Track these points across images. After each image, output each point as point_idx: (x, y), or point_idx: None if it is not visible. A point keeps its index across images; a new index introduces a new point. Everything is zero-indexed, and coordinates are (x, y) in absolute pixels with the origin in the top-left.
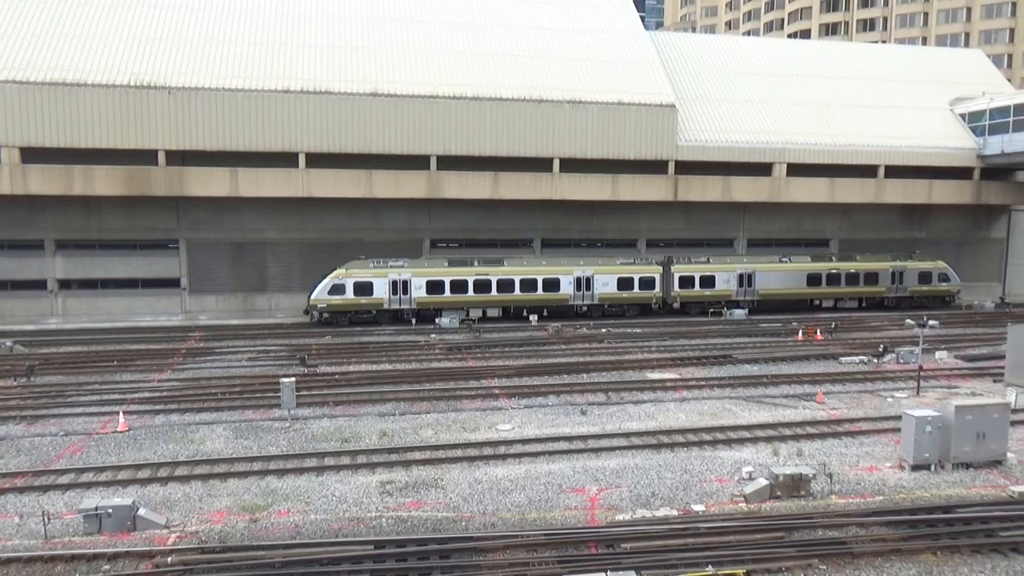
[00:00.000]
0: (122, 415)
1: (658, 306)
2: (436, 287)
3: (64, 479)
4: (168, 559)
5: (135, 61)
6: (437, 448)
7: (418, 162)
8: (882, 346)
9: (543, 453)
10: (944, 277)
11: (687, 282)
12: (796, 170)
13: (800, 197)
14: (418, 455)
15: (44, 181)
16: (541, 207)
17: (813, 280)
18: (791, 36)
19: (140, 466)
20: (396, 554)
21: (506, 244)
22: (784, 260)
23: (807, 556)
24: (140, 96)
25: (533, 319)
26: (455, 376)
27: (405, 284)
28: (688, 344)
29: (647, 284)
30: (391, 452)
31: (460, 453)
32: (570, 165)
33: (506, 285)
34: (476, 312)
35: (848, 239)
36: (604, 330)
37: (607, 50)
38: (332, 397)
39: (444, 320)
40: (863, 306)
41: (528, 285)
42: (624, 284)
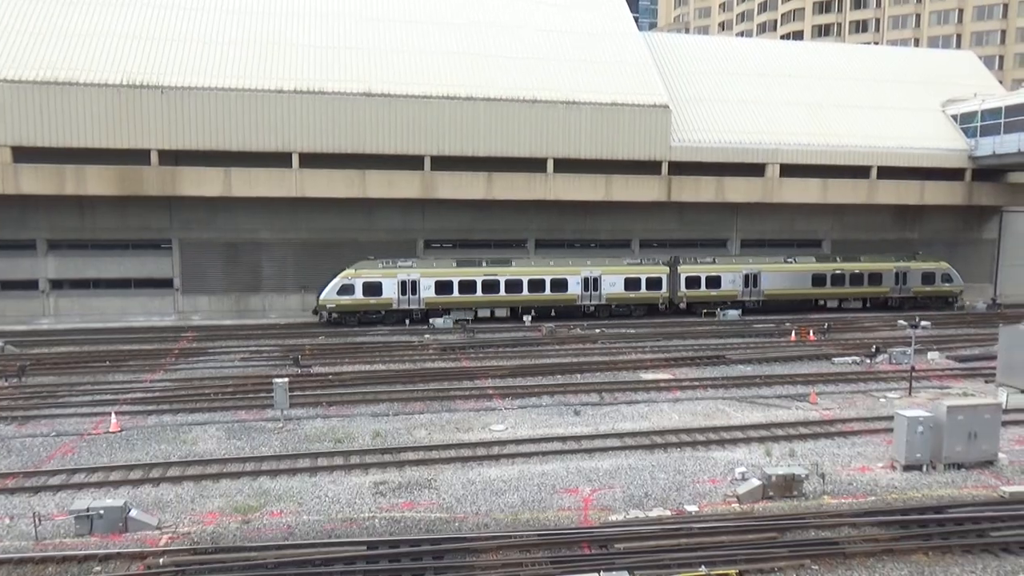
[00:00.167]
0: (114, 416)
1: (665, 306)
2: (445, 287)
3: (55, 480)
4: (160, 560)
5: (127, 60)
6: (431, 448)
7: (412, 162)
8: (875, 347)
9: (536, 453)
10: (947, 278)
11: (693, 282)
12: (789, 171)
13: (793, 198)
14: (411, 455)
15: (36, 181)
16: (535, 207)
17: (818, 281)
18: (784, 37)
19: (132, 467)
20: (389, 555)
21: (500, 244)
22: (789, 261)
23: (799, 556)
24: (133, 95)
25: (527, 319)
26: (449, 376)
27: (414, 284)
28: (682, 344)
29: (654, 284)
30: (384, 452)
31: (454, 453)
32: (564, 165)
33: (514, 285)
34: (484, 312)
35: (840, 240)
36: (598, 330)
37: (601, 51)
38: (325, 397)
39: (438, 320)
40: (867, 306)
41: (536, 285)
42: (631, 284)
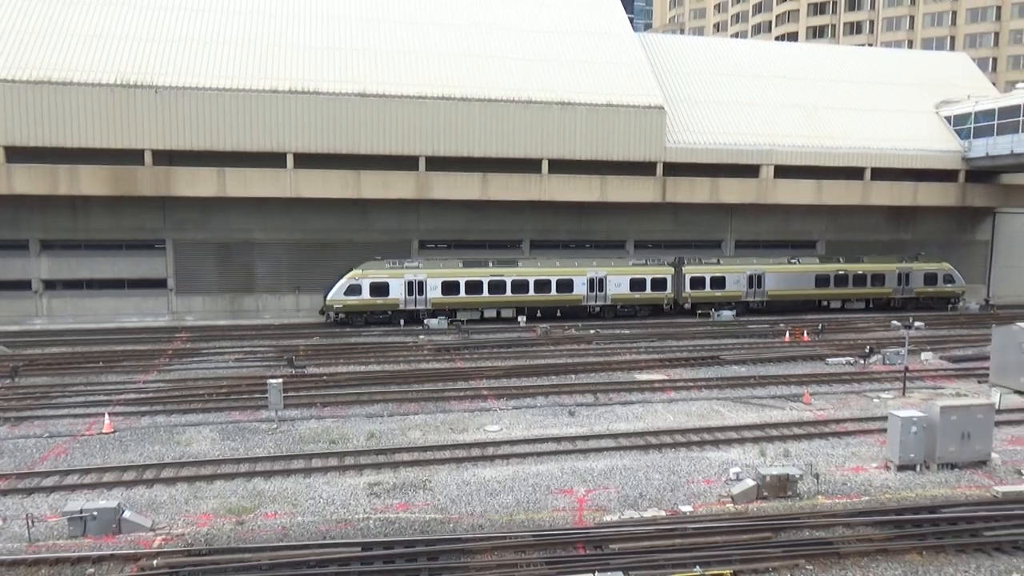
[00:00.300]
0: (107, 416)
1: (670, 307)
2: (451, 288)
3: (48, 481)
4: (154, 562)
5: (121, 60)
6: (425, 449)
7: (407, 163)
8: (868, 347)
9: (531, 454)
10: (949, 278)
11: (698, 283)
12: (783, 172)
13: (787, 199)
14: (406, 456)
15: (29, 181)
16: (530, 208)
17: (821, 281)
18: (779, 39)
19: (126, 468)
20: (384, 556)
21: (495, 245)
22: (793, 261)
23: (794, 556)
24: (127, 95)
25: (521, 320)
26: (443, 377)
27: (421, 285)
28: (676, 345)
29: (659, 285)
30: (379, 453)
31: (448, 454)
32: (559, 166)
33: (520, 286)
34: (491, 312)
35: (835, 241)
36: (593, 331)
37: (596, 52)
38: (320, 398)
39: (433, 321)
40: (870, 307)
41: (542, 286)
42: (636, 285)
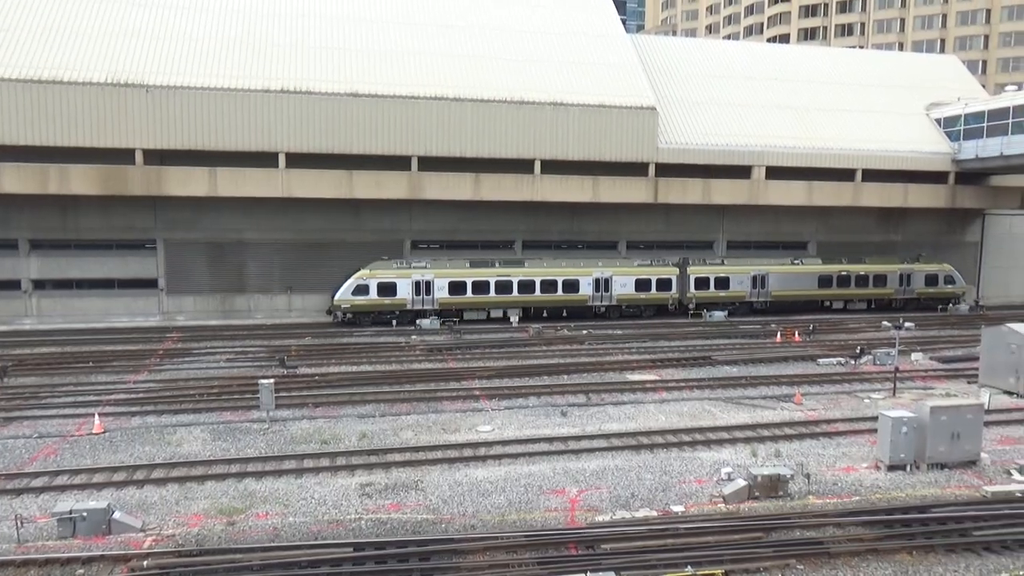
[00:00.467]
0: (97, 417)
1: (674, 307)
2: (458, 288)
3: (38, 482)
4: (144, 563)
5: (113, 58)
6: (417, 450)
7: (399, 163)
8: (859, 348)
9: (523, 454)
10: (949, 279)
11: (702, 283)
12: (775, 173)
13: (778, 200)
14: (398, 457)
15: (18, 180)
16: (522, 208)
17: (824, 282)
18: (770, 40)
19: (116, 468)
20: (375, 556)
21: (487, 245)
22: (796, 262)
23: (785, 556)
24: (117, 94)
25: (514, 320)
26: (435, 377)
27: (428, 285)
28: (668, 346)
29: (664, 285)
30: (371, 454)
31: (440, 455)
32: (551, 167)
33: (527, 286)
34: (497, 312)
35: (825, 242)
36: (585, 331)
37: (588, 53)
38: (312, 398)
39: (425, 321)
40: (871, 307)
41: (548, 286)
42: (642, 285)
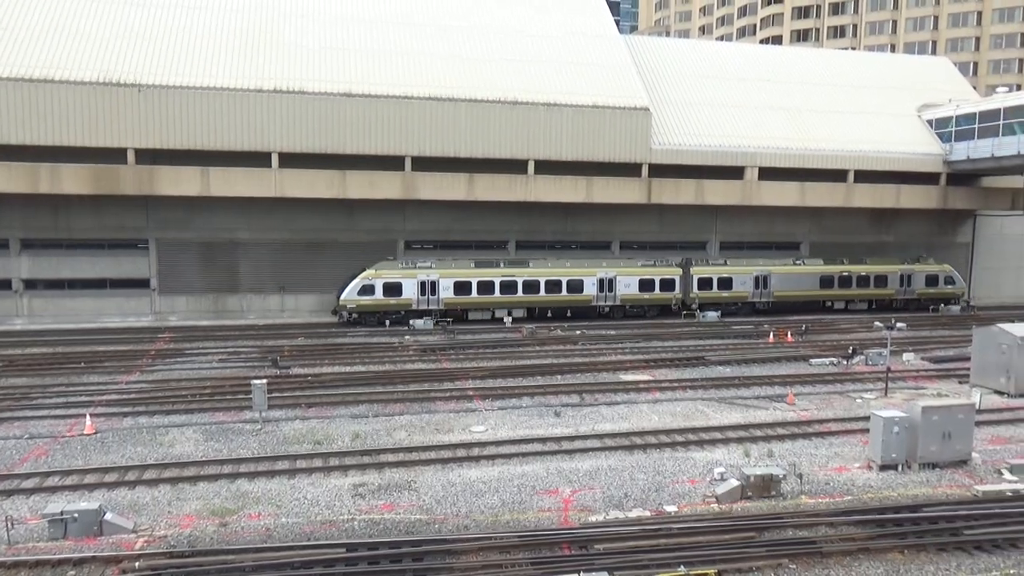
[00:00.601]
0: (89, 417)
1: (677, 307)
2: (463, 288)
3: (28, 483)
4: (136, 564)
5: (104, 57)
6: (410, 450)
7: (393, 163)
8: (851, 348)
9: (517, 455)
10: (949, 280)
11: (705, 284)
12: (768, 174)
13: (771, 200)
14: (391, 457)
15: (9, 179)
16: (516, 209)
17: (826, 282)
18: (763, 42)
19: (107, 469)
20: (368, 557)
21: (481, 245)
22: (798, 263)
23: (777, 556)
24: (109, 93)
25: (507, 320)
26: (429, 378)
27: (433, 285)
28: (661, 346)
29: (667, 286)
30: (364, 454)
31: (433, 455)
32: (545, 167)
33: (532, 286)
34: (502, 312)
35: (818, 242)
36: (579, 332)
37: (582, 53)
38: (304, 399)
39: (418, 322)
40: (872, 308)
41: (553, 286)
42: (645, 286)
